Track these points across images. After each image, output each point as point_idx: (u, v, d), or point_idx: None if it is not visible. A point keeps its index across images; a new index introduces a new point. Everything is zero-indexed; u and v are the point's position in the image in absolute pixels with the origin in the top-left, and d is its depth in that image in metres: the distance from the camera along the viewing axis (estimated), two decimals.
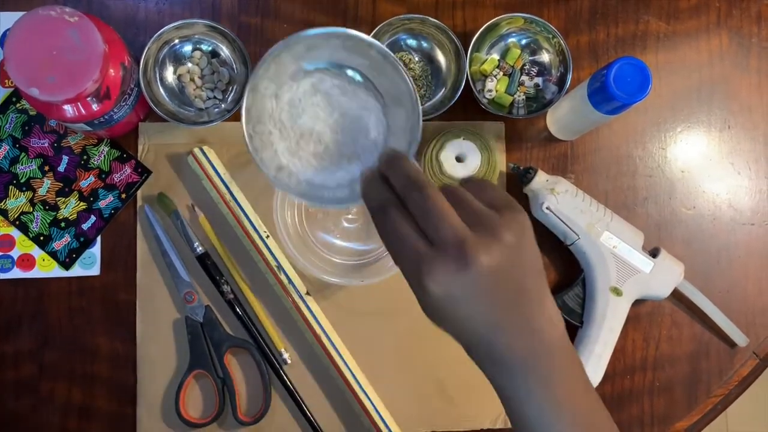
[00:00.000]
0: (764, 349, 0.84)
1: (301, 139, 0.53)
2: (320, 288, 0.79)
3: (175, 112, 0.77)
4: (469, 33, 0.80)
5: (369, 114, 0.53)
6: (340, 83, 0.53)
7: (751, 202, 0.85)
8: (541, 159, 0.83)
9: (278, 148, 0.53)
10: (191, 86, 0.78)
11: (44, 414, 0.76)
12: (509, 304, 0.44)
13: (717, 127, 0.86)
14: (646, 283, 0.77)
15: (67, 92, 0.63)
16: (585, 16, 0.85)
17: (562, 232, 0.78)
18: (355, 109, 0.53)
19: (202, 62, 0.78)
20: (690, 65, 0.86)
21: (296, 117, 0.53)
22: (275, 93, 0.53)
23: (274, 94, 0.53)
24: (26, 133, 0.77)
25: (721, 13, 0.87)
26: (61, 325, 0.77)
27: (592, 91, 0.71)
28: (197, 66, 0.78)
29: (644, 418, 0.82)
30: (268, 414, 0.77)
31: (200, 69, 0.78)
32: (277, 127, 0.53)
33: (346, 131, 0.53)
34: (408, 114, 0.52)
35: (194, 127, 0.76)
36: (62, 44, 0.63)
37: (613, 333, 0.77)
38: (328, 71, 0.53)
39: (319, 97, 0.53)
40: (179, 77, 0.79)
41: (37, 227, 0.77)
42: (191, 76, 0.78)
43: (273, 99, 0.53)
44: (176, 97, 0.78)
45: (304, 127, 0.53)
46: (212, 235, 0.78)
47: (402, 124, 0.53)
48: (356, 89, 0.53)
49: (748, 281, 0.84)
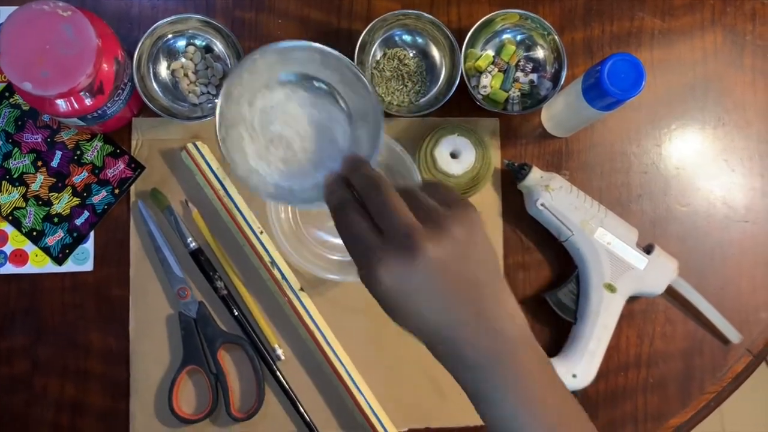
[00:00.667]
0: (757, 346, 0.84)
1: (270, 144, 0.55)
2: (314, 284, 0.79)
3: (168, 107, 0.77)
4: (463, 29, 0.80)
5: (337, 125, 0.56)
6: (311, 96, 0.55)
7: (744, 199, 0.85)
8: (535, 155, 0.83)
9: (248, 151, 0.54)
10: (185, 81, 0.78)
11: (37, 409, 0.76)
12: (464, 298, 0.45)
13: (711, 125, 0.86)
14: (640, 279, 0.78)
15: (60, 87, 0.63)
16: (580, 13, 0.85)
17: (556, 229, 0.78)
18: (325, 120, 0.56)
19: (195, 57, 0.78)
20: (684, 62, 0.86)
21: (268, 124, 0.55)
22: (249, 100, 0.55)
23: (248, 101, 0.55)
24: (19, 128, 0.77)
25: (716, 10, 0.87)
26: (54, 321, 0.77)
27: (587, 88, 0.71)
28: (191, 61, 0.78)
29: (638, 415, 0.82)
30: (261, 410, 0.77)
31: (194, 64, 0.78)
32: (248, 132, 0.55)
33: (314, 140, 0.55)
34: (372, 127, 0.55)
35: (188, 122, 0.76)
36: (55, 38, 0.63)
37: (607, 330, 0.77)
38: (300, 83, 0.56)
39: (291, 107, 0.55)
40: (173, 72, 0.78)
41: (30, 222, 0.76)
42: (185, 71, 0.78)
43: (246, 105, 0.55)
44: (170, 92, 0.78)
45: (274, 133, 0.55)
46: (206, 230, 0.78)
47: (366, 136, 0.55)
48: (325, 102, 0.56)
49: (742, 278, 0.84)
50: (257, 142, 0.55)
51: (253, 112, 0.55)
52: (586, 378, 0.77)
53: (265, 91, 0.55)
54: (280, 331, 0.79)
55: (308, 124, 0.55)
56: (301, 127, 0.55)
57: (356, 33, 0.77)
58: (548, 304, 0.79)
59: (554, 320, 0.80)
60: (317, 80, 0.56)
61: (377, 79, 0.81)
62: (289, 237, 0.76)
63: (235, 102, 0.54)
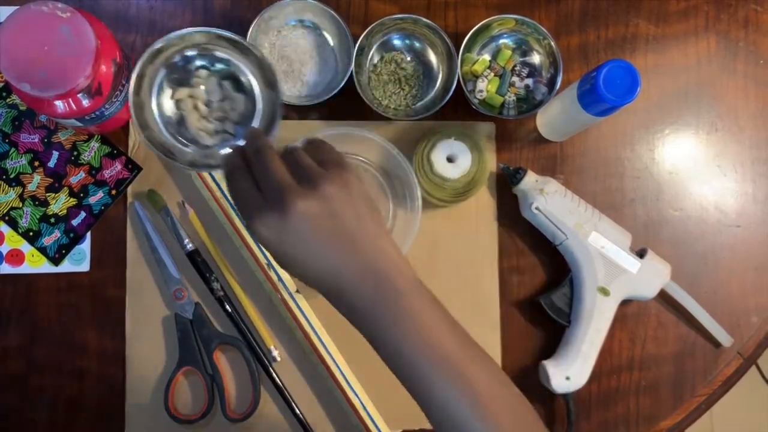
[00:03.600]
0: (748, 349, 0.85)
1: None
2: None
3: (170, 148, 0.64)
4: (460, 33, 0.80)
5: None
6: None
7: (736, 204, 0.86)
8: (530, 159, 0.84)
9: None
10: (194, 116, 0.66)
11: (32, 409, 0.76)
12: (339, 249, 0.50)
13: (704, 130, 0.87)
14: (633, 283, 0.78)
15: (58, 88, 0.63)
16: (575, 18, 0.86)
17: (551, 232, 0.79)
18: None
19: (209, 83, 0.66)
20: (678, 68, 0.87)
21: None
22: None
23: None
24: (16, 128, 0.77)
25: (709, 17, 0.88)
26: (50, 321, 0.77)
27: (582, 93, 0.72)
28: (202, 88, 0.66)
29: (630, 418, 0.83)
30: (257, 411, 0.77)
31: (206, 93, 0.66)
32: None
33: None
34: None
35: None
36: (54, 39, 0.63)
37: (600, 333, 0.78)
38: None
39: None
40: (177, 103, 0.66)
41: (27, 223, 0.77)
42: (194, 103, 0.66)
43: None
44: (172, 127, 0.66)
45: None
46: (202, 231, 0.78)
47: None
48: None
49: (733, 282, 0.85)
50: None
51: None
52: (579, 380, 0.78)
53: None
54: (275, 333, 0.79)
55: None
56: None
57: (354, 37, 0.78)
58: (542, 307, 0.80)
59: (548, 323, 0.80)
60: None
61: (374, 83, 0.81)
62: None
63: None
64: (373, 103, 0.78)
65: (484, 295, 0.81)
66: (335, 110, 0.81)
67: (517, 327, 0.82)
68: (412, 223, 0.76)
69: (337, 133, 0.76)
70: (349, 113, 0.81)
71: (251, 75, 0.66)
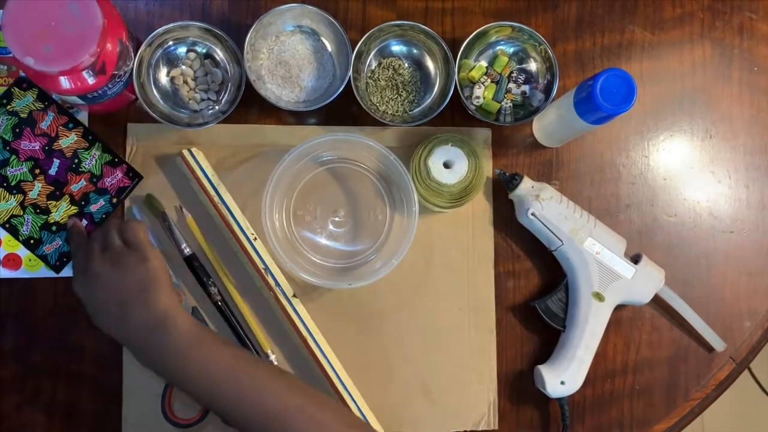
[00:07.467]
0: (741, 353, 0.86)
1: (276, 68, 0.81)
2: (307, 291, 0.79)
3: (169, 115, 0.78)
4: (458, 40, 0.81)
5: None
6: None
7: (730, 210, 0.87)
8: (526, 165, 0.84)
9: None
10: (185, 88, 0.79)
11: (29, 413, 0.76)
12: (110, 310, 0.67)
13: (699, 136, 0.88)
14: (627, 288, 0.79)
15: (63, 64, 0.63)
16: (572, 25, 0.86)
17: (547, 238, 0.79)
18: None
19: (195, 64, 0.79)
20: (673, 75, 0.88)
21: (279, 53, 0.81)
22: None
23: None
24: (17, 135, 0.77)
25: (705, 24, 0.88)
26: (46, 325, 0.77)
27: (579, 101, 0.72)
28: (190, 68, 0.79)
29: (624, 421, 0.83)
30: None
31: (193, 71, 0.79)
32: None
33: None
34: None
35: (188, 129, 0.77)
36: (61, 15, 0.62)
37: (595, 337, 0.79)
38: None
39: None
40: (172, 80, 0.79)
41: (28, 230, 0.76)
42: (184, 78, 0.79)
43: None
44: (170, 99, 0.79)
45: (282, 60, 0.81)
46: (200, 236, 0.79)
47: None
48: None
49: (727, 288, 0.86)
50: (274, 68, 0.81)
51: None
52: (574, 384, 0.78)
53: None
54: (272, 337, 0.79)
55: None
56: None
57: (352, 42, 0.78)
58: (537, 312, 0.80)
59: (543, 328, 0.81)
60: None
61: (372, 88, 0.81)
62: (283, 243, 0.77)
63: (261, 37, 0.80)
64: (370, 108, 0.78)
65: (480, 300, 0.82)
66: (333, 115, 0.82)
67: (512, 331, 0.82)
68: (409, 228, 0.76)
69: (335, 139, 0.77)
70: (346, 119, 0.82)
71: (223, 54, 0.80)
